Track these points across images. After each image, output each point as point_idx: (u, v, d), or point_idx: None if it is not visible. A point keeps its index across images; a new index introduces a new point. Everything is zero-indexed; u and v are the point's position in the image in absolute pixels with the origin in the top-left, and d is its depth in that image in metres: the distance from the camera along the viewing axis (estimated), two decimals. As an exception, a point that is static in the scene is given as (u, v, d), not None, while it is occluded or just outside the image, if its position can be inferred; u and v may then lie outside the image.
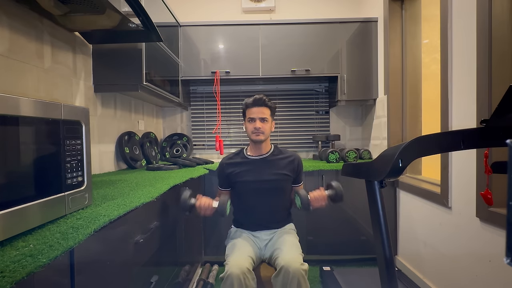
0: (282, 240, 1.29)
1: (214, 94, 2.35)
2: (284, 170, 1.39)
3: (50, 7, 1.08)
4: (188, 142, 2.59)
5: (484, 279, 1.23)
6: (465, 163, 1.33)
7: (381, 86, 2.22)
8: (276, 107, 1.43)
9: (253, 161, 1.41)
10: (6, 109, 0.57)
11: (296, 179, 1.44)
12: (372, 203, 0.80)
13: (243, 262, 1.14)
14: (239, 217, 1.45)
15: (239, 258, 1.16)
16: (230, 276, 1.08)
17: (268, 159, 1.41)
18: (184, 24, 2.28)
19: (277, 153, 1.44)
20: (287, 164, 1.40)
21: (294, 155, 1.45)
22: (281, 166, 1.39)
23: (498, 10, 1.16)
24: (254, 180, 1.36)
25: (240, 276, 1.08)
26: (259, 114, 1.34)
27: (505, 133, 0.66)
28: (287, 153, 1.45)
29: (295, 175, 1.43)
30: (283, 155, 1.43)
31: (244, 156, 1.43)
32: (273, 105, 1.39)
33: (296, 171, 1.43)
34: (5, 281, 0.45)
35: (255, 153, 1.42)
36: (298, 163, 1.44)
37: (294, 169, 1.41)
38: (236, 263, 1.12)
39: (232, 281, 1.07)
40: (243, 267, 1.11)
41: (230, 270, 1.09)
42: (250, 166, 1.39)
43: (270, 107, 1.38)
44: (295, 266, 1.11)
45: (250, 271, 1.13)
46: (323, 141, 2.50)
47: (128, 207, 0.87)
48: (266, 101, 1.36)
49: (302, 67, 2.28)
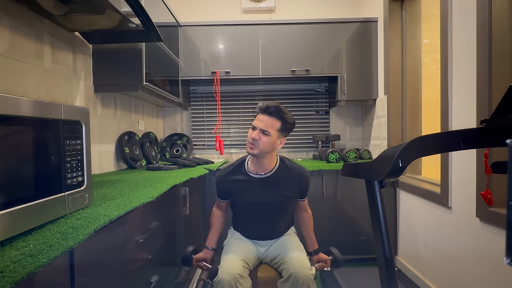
0: (286, 244, 1.26)
1: (214, 94, 2.35)
2: (289, 192, 1.26)
3: (50, 7, 1.08)
4: (188, 142, 2.59)
5: (484, 279, 1.22)
6: (465, 163, 1.33)
7: (381, 86, 2.22)
8: (294, 123, 1.22)
9: (254, 180, 1.26)
10: (6, 109, 0.57)
11: (301, 196, 1.34)
12: (372, 203, 0.80)
13: (235, 267, 1.11)
14: (238, 225, 1.40)
15: (231, 263, 1.14)
16: (220, 282, 1.06)
17: (273, 179, 1.25)
18: (184, 24, 2.28)
19: (283, 169, 1.27)
20: (294, 184, 1.27)
21: (302, 173, 1.29)
22: (287, 188, 1.26)
23: (498, 10, 1.16)
24: (255, 202, 1.26)
25: (232, 282, 1.06)
26: (262, 124, 1.16)
27: (505, 133, 0.66)
28: (294, 169, 1.28)
29: (301, 192, 1.32)
30: (290, 172, 1.27)
31: (245, 172, 1.28)
32: (288, 119, 1.18)
33: (302, 191, 1.31)
34: (5, 281, 0.45)
35: (257, 169, 1.26)
36: (305, 183, 1.30)
37: (301, 189, 1.30)
38: (227, 269, 1.10)
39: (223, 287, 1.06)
40: (234, 273, 1.08)
41: (221, 276, 1.08)
42: (251, 186, 1.25)
43: (283, 120, 1.17)
44: (305, 273, 1.09)
45: (242, 276, 1.10)
46: (323, 141, 2.50)
47: (128, 207, 0.86)
48: (279, 112, 1.16)
49: (302, 67, 2.28)
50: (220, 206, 1.40)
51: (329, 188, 2.07)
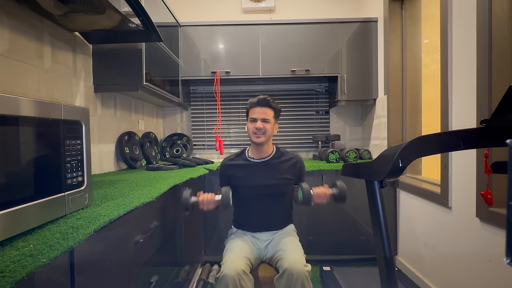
0: (284, 241, 1.28)
1: (214, 94, 2.35)
2: (286, 174, 1.37)
3: (50, 7, 1.08)
4: (188, 142, 2.59)
5: (484, 279, 1.23)
6: (465, 163, 1.33)
7: (381, 86, 2.22)
8: (280, 109, 1.41)
9: (254, 164, 1.39)
10: (6, 109, 0.57)
11: (297, 181, 1.41)
12: (372, 203, 0.80)
13: (238, 263, 1.13)
14: (239, 218, 1.44)
15: (235, 259, 1.16)
16: (224, 277, 1.08)
17: (270, 163, 1.38)
18: (184, 24, 2.28)
19: (279, 155, 1.41)
20: (289, 167, 1.38)
21: (296, 158, 1.42)
22: (283, 170, 1.37)
23: (498, 10, 1.16)
24: (255, 185, 1.35)
25: (235, 278, 1.07)
26: (261, 114, 1.32)
27: (505, 133, 0.66)
28: (289, 155, 1.43)
29: (297, 178, 1.41)
30: (285, 157, 1.41)
31: (245, 158, 1.42)
32: (277, 107, 1.37)
33: (298, 174, 1.41)
34: (5, 281, 0.45)
35: (256, 155, 1.40)
36: (300, 166, 1.42)
37: (296, 172, 1.40)
38: (231, 265, 1.12)
39: (227, 283, 1.07)
40: (238, 269, 1.10)
41: (225, 272, 1.09)
42: (252, 169, 1.38)
43: (274, 109, 1.36)
44: (299, 268, 1.10)
45: (245, 273, 1.12)
46: (323, 141, 2.50)
47: (128, 207, 0.87)
48: (270, 102, 1.34)
49: (302, 67, 2.28)
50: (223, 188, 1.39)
51: (329, 188, 2.06)
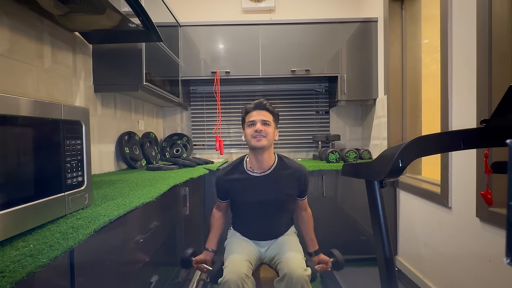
0: (284, 244, 1.27)
1: (214, 94, 2.35)
2: (289, 190, 1.28)
3: (50, 7, 1.08)
4: (188, 142, 2.59)
5: (484, 279, 1.22)
6: (465, 163, 1.33)
7: (381, 86, 2.22)
8: (278, 114, 1.31)
9: (254, 178, 1.27)
10: (6, 109, 0.57)
11: (300, 194, 1.34)
12: (372, 203, 0.80)
13: (240, 267, 1.12)
14: (238, 225, 1.39)
15: (236, 263, 1.14)
16: (227, 282, 1.07)
17: (272, 176, 1.27)
18: (184, 24, 2.28)
19: (282, 166, 1.29)
20: (292, 182, 1.28)
21: (301, 171, 1.30)
22: (286, 185, 1.27)
23: (498, 10, 1.16)
24: (255, 201, 1.27)
25: (238, 282, 1.07)
26: (260, 116, 1.23)
27: (505, 133, 0.66)
28: (293, 166, 1.30)
29: (300, 192, 1.32)
30: (289, 170, 1.28)
31: (243, 171, 1.29)
32: (275, 111, 1.28)
33: (301, 189, 1.32)
34: (5, 281, 0.45)
35: (256, 167, 1.27)
36: (304, 181, 1.31)
37: (300, 187, 1.31)
38: (233, 269, 1.11)
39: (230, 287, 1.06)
40: (241, 273, 1.09)
41: (228, 277, 1.08)
42: (252, 184, 1.26)
43: (272, 113, 1.27)
44: (299, 273, 1.09)
45: (248, 276, 1.11)
46: (323, 141, 2.50)
47: (128, 207, 0.86)
48: (268, 106, 1.26)
49: (302, 67, 2.28)
50: (220, 207, 1.40)
51: (329, 188, 2.06)
